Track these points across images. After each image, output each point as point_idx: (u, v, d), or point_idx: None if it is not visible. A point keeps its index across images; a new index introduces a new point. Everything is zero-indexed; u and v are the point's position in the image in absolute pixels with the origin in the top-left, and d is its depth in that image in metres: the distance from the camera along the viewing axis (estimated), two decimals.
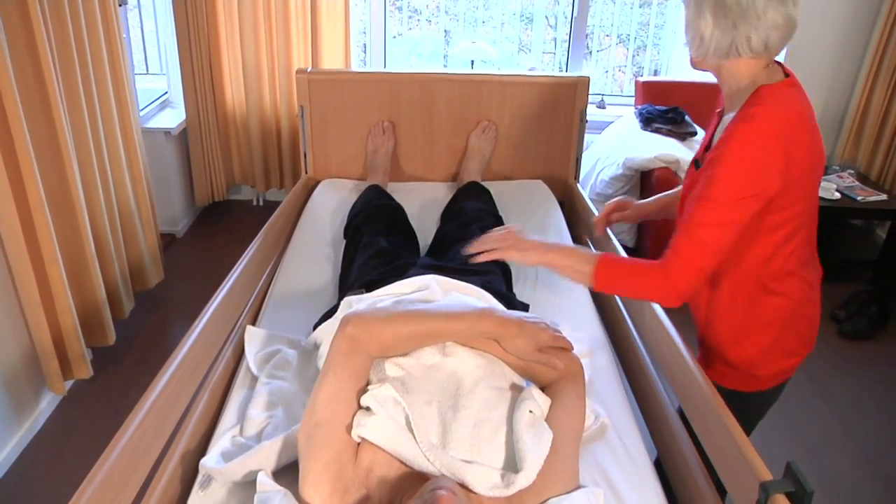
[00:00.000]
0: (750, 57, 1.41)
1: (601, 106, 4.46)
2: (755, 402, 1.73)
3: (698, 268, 1.43)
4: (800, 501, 1.17)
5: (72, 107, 2.58)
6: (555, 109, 2.78)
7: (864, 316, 3.39)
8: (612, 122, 4.16)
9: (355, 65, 4.09)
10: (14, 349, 2.46)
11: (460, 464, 1.25)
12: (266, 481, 1.30)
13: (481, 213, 2.33)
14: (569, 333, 1.79)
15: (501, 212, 2.45)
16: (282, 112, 4.00)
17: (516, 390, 1.45)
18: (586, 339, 1.88)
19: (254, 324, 2.02)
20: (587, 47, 4.73)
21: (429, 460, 1.24)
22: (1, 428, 2.41)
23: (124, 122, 2.98)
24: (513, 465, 1.29)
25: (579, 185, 2.88)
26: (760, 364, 1.64)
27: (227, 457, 1.46)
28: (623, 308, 2.09)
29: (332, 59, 3.92)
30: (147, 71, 4.51)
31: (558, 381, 1.48)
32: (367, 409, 1.29)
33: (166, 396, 1.47)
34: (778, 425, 2.76)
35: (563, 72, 4.55)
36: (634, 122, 3.91)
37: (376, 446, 1.26)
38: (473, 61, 4.49)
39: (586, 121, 2.81)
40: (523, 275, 2.26)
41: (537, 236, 1.65)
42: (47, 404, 2.66)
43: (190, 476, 1.53)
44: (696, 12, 1.41)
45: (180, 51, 3.76)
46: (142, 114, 3.74)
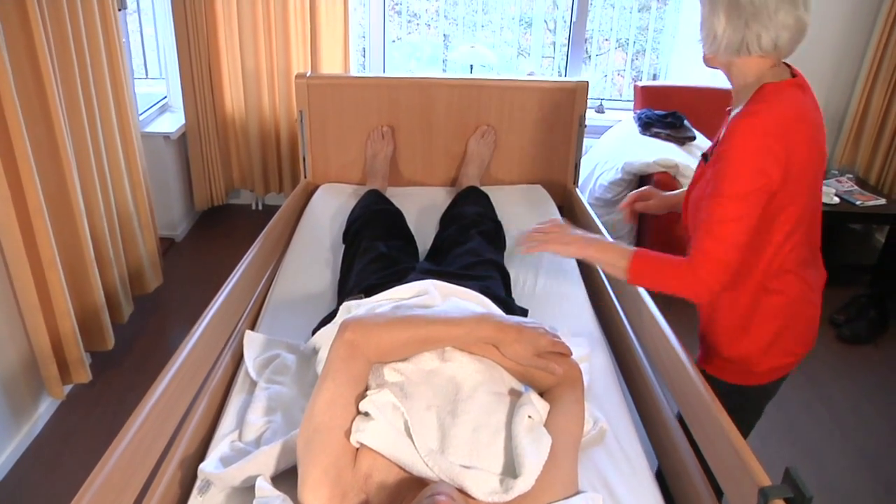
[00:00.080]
0: (759, 55, 1.48)
1: (600, 110, 4.47)
2: (752, 396, 1.77)
3: (721, 262, 1.48)
4: None
5: (71, 111, 2.58)
6: (554, 114, 2.78)
7: (863, 320, 3.39)
8: (611, 127, 4.16)
9: (354, 69, 4.09)
10: (13, 353, 2.46)
11: (459, 469, 1.25)
12: (265, 486, 1.30)
13: (480, 217, 2.33)
14: (567, 338, 1.79)
15: (500, 216, 2.45)
16: (281, 116, 4.01)
17: (515, 395, 1.45)
18: (585, 343, 1.88)
19: (253, 328, 2.02)
20: (586, 51, 4.74)
21: (427, 465, 1.24)
22: None
23: (123, 127, 2.98)
24: (511, 470, 1.29)
25: (578, 189, 2.88)
26: (758, 360, 1.68)
27: (225, 462, 1.46)
28: (622, 313, 2.09)
29: (331, 64, 3.92)
30: (146, 75, 4.51)
31: (557, 386, 1.48)
32: (366, 414, 1.29)
33: (165, 401, 1.47)
34: (777, 430, 2.76)
35: (563, 76, 4.55)
36: (633, 126, 3.92)
37: (375, 451, 1.26)
38: (472, 66, 4.50)
39: (585, 125, 2.82)
40: (521, 279, 2.26)
41: (579, 231, 1.73)
42: (46, 409, 2.65)
43: (189, 481, 1.53)
44: (711, 10, 1.47)
45: (180, 55, 3.77)
46: (141, 118, 3.74)
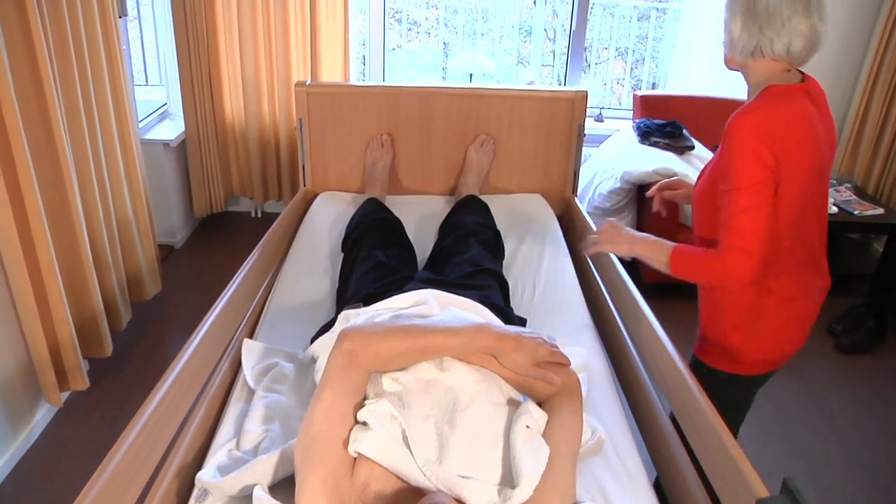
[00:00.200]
0: (772, 59, 1.58)
1: (599, 119, 4.48)
2: (739, 384, 1.85)
3: (744, 251, 1.54)
4: None
5: (71, 117, 2.59)
6: (553, 124, 2.79)
7: (861, 330, 3.39)
8: (611, 136, 4.16)
9: (354, 76, 4.10)
10: (10, 360, 2.46)
11: (457, 479, 1.25)
12: (262, 496, 1.30)
13: (479, 226, 2.33)
14: (565, 348, 1.79)
15: (499, 225, 2.45)
16: (281, 124, 4.01)
17: (513, 405, 1.45)
18: (583, 353, 1.88)
19: (251, 337, 2.02)
20: (586, 60, 4.75)
21: (425, 475, 1.24)
22: None
23: (123, 134, 2.98)
24: (510, 480, 1.29)
25: (577, 198, 2.88)
26: (746, 352, 1.77)
27: (223, 471, 1.46)
28: (620, 323, 2.09)
29: (331, 71, 3.93)
30: (147, 82, 4.52)
31: (555, 396, 1.48)
32: (364, 423, 1.29)
33: (163, 409, 1.47)
34: (775, 439, 2.76)
35: (562, 85, 4.56)
36: (632, 135, 3.92)
37: (373, 461, 1.26)
38: (472, 74, 4.51)
39: (584, 135, 2.82)
40: (520, 289, 2.26)
41: (628, 230, 1.83)
42: (43, 416, 2.65)
43: (186, 490, 1.52)
44: (730, 15, 1.60)
45: (180, 62, 3.77)
46: (141, 125, 3.74)
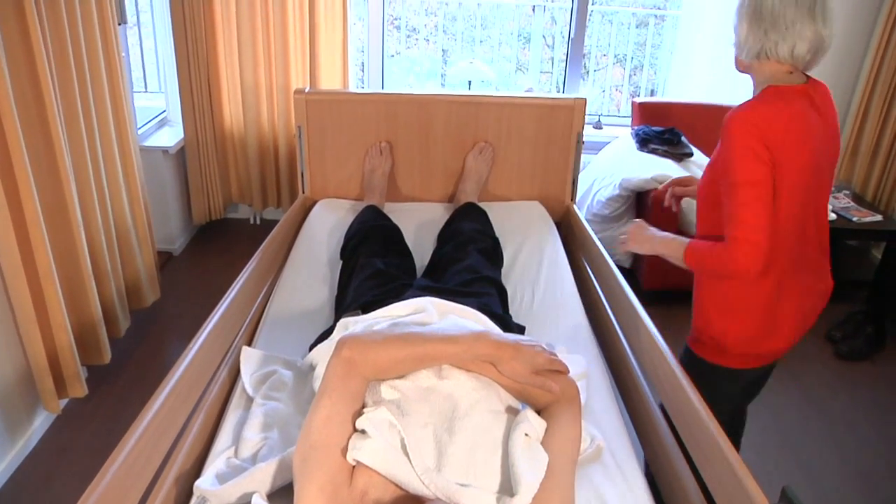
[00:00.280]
0: (776, 61, 1.64)
1: (598, 126, 4.48)
2: (723, 376, 1.90)
3: (749, 243, 1.59)
4: None
5: (70, 124, 2.59)
6: (551, 131, 2.79)
7: (860, 336, 3.39)
8: (609, 143, 4.17)
9: (353, 83, 4.11)
10: (8, 367, 2.46)
11: (456, 487, 1.25)
12: None
13: (478, 234, 2.33)
14: (564, 356, 1.80)
15: (498, 233, 2.45)
16: (279, 131, 4.02)
17: (512, 413, 1.45)
18: (583, 361, 1.88)
19: (250, 344, 2.02)
20: (584, 67, 4.76)
21: (424, 484, 1.24)
22: None
23: (122, 140, 2.99)
24: (508, 488, 1.29)
25: (576, 206, 2.89)
26: (729, 342, 1.83)
27: (221, 479, 1.45)
28: (619, 330, 2.09)
29: (330, 78, 3.94)
30: (146, 89, 4.53)
31: (554, 403, 1.48)
32: (363, 431, 1.29)
33: (161, 417, 1.46)
34: (774, 446, 2.76)
35: (561, 91, 4.57)
36: (631, 142, 3.93)
37: (371, 469, 1.26)
38: (471, 81, 4.52)
39: (583, 142, 2.83)
40: (519, 296, 2.26)
41: (652, 229, 1.90)
42: (41, 423, 2.64)
43: (184, 498, 1.52)
44: (739, 19, 1.67)
45: (179, 69, 3.78)
46: (140, 132, 3.75)
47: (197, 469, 1.60)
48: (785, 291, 1.76)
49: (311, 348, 1.80)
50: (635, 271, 3.76)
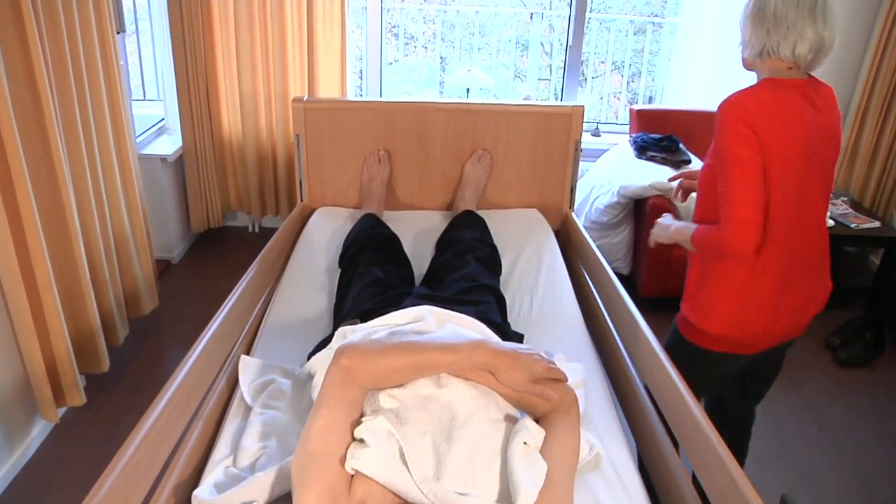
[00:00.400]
0: (778, 58, 1.71)
1: (596, 134, 4.49)
2: (697, 356, 1.95)
3: (740, 221, 1.66)
4: None
5: (68, 132, 2.59)
6: (550, 139, 2.80)
7: (858, 343, 3.39)
8: (607, 150, 4.18)
9: (352, 91, 4.12)
10: (6, 375, 2.45)
11: (454, 496, 1.24)
12: None
13: (476, 242, 2.33)
14: (563, 364, 1.80)
15: (496, 240, 2.45)
16: (278, 139, 4.02)
17: (511, 422, 1.45)
18: (582, 369, 1.88)
19: (248, 353, 2.02)
20: (582, 74, 4.77)
21: (423, 492, 1.24)
22: None
23: (120, 149, 2.99)
24: (507, 497, 1.29)
25: (574, 213, 2.89)
26: (696, 319, 1.91)
27: (220, 488, 1.45)
28: (618, 338, 2.09)
29: (328, 86, 3.94)
30: (144, 97, 4.54)
31: (553, 412, 1.48)
32: (361, 440, 1.28)
33: (160, 425, 1.46)
34: (773, 453, 2.75)
35: (559, 99, 4.58)
36: (629, 150, 3.94)
37: (370, 478, 1.25)
38: (469, 89, 4.52)
39: (581, 150, 2.83)
40: (517, 304, 2.26)
41: (667, 221, 1.99)
42: (39, 432, 2.64)
43: None
44: (744, 19, 1.76)
45: (177, 77, 3.79)
46: (138, 140, 3.75)
47: (195, 478, 1.59)
48: (776, 279, 1.80)
49: (309, 357, 1.80)
50: (633, 278, 3.76)
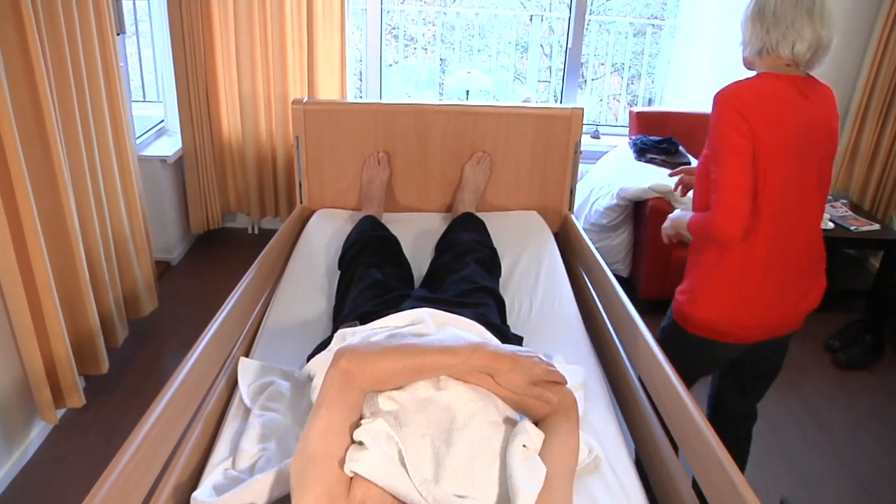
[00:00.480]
0: (776, 56, 1.76)
1: (595, 136, 4.49)
2: (685, 340, 1.99)
3: (728, 205, 1.72)
4: None
5: (68, 134, 2.59)
6: (549, 141, 2.80)
7: (858, 346, 3.39)
8: (607, 152, 4.18)
9: (351, 92, 4.12)
10: (6, 377, 2.45)
11: (453, 499, 1.24)
12: None
13: (475, 244, 2.33)
14: (562, 366, 1.80)
15: (496, 243, 2.45)
16: (277, 141, 4.02)
17: (510, 424, 1.45)
18: (581, 372, 1.88)
19: (247, 355, 2.01)
20: (582, 76, 4.77)
21: (422, 495, 1.24)
22: None
23: (120, 150, 2.99)
24: (506, 499, 1.29)
25: (573, 215, 2.89)
26: (683, 302, 1.97)
27: (219, 490, 1.45)
28: (617, 341, 2.09)
29: (328, 88, 3.95)
30: (144, 98, 4.54)
31: (552, 414, 1.48)
32: (360, 443, 1.28)
33: (159, 427, 1.46)
34: (773, 456, 2.75)
35: (558, 101, 4.58)
36: (628, 152, 3.94)
37: (369, 481, 1.25)
38: (469, 91, 4.53)
39: (580, 152, 2.83)
40: (517, 306, 2.26)
41: (673, 214, 2.07)
42: (38, 433, 2.64)
43: None
44: (744, 18, 1.81)
45: (177, 79, 3.79)
46: (138, 141, 3.75)
47: (194, 480, 1.59)
48: (765, 270, 1.83)
49: (308, 359, 1.80)
50: (633, 280, 3.76)
